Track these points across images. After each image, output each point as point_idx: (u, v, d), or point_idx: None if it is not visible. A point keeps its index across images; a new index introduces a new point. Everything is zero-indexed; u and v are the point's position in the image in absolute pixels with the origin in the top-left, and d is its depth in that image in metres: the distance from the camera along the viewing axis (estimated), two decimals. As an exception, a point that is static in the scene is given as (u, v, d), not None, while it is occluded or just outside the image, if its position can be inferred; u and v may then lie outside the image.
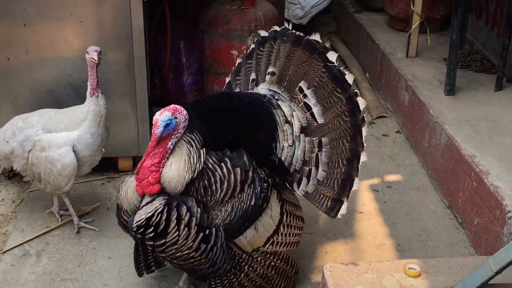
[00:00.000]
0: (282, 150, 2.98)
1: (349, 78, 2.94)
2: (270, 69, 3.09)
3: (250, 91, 3.18)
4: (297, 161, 2.99)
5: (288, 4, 6.96)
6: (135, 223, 2.70)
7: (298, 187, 3.02)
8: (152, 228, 2.68)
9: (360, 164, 2.92)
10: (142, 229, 2.69)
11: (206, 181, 2.73)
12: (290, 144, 2.97)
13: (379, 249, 3.61)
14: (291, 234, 3.03)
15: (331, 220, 3.73)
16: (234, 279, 2.92)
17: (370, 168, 4.45)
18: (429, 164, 4.34)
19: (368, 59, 6.07)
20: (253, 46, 3.30)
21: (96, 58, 3.37)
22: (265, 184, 2.83)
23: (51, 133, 3.53)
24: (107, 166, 4.26)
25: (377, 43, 5.79)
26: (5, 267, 3.45)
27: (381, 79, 5.60)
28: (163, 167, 2.73)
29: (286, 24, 3.22)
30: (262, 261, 2.97)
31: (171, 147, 2.73)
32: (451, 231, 3.77)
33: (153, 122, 2.65)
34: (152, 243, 2.72)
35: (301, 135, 2.98)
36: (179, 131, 2.72)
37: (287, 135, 2.97)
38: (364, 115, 2.94)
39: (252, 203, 2.80)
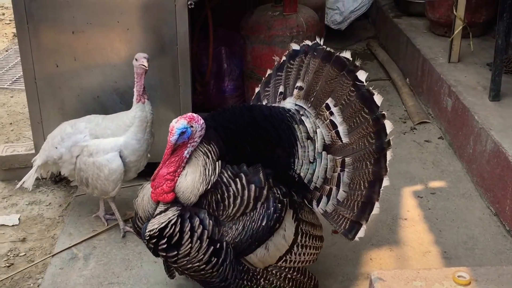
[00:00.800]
0: (302, 166, 2.91)
1: (378, 99, 2.87)
2: (298, 84, 3.04)
3: (277, 104, 3.12)
4: (318, 179, 2.92)
5: (327, 9, 6.94)
6: (148, 232, 2.74)
7: (318, 205, 2.94)
8: (166, 239, 2.71)
9: (382, 188, 2.83)
10: (155, 240, 2.73)
11: (219, 195, 2.72)
12: (311, 161, 2.91)
13: (425, 256, 3.57)
14: (306, 254, 2.97)
15: (375, 226, 3.76)
16: None
17: (413, 174, 4.42)
18: (474, 171, 4.29)
19: (408, 64, 6.03)
20: (284, 58, 3.26)
21: (146, 65, 3.42)
22: (279, 205, 2.78)
23: (98, 139, 3.59)
24: (152, 171, 4.27)
25: (418, 48, 5.74)
26: (54, 270, 3.52)
27: (422, 84, 5.55)
28: (178, 176, 2.75)
29: (318, 39, 3.18)
30: (278, 273, 2.93)
31: (187, 156, 2.75)
32: (499, 239, 3.71)
33: (169, 129, 2.68)
34: (165, 254, 2.76)
35: (323, 152, 2.91)
36: (195, 140, 2.74)
37: (307, 151, 2.91)
38: (390, 138, 2.85)
39: (264, 224, 2.75)
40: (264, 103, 3.22)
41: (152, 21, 3.95)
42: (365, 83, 2.88)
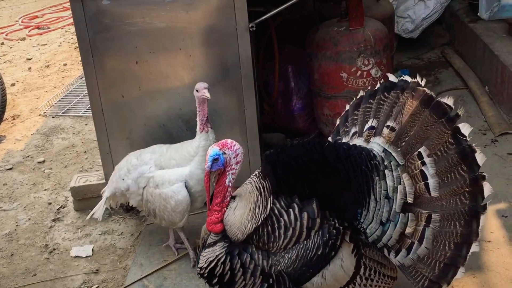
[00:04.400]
0: (370, 224, 2.68)
1: (480, 158, 2.56)
2: (390, 123, 2.77)
3: (364, 138, 2.86)
4: (389, 240, 2.67)
5: (397, 18, 6.72)
6: (199, 268, 2.76)
7: (395, 256, 2.68)
8: (217, 278, 2.68)
9: (470, 253, 2.56)
10: (206, 279, 2.74)
11: (270, 227, 2.64)
12: (383, 222, 2.67)
13: (512, 283, 3.32)
14: (374, 286, 2.78)
15: (455, 250, 3.50)
16: None
17: (495, 191, 4.03)
18: None
19: (486, 71, 5.71)
20: (378, 86, 2.99)
21: (208, 95, 3.38)
22: (335, 231, 2.64)
23: (163, 169, 3.57)
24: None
25: (496, 54, 5.43)
26: (126, 303, 3.51)
27: (503, 92, 5.24)
28: (226, 207, 2.75)
29: (419, 79, 2.85)
30: None
31: (230, 185, 2.74)
32: None
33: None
34: None
35: (401, 214, 2.65)
36: (232, 167, 2.74)
37: (382, 210, 2.67)
38: (487, 203, 2.56)
39: (319, 252, 2.64)
40: (345, 140, 2.98)
41: (214, 46, 3.90)
42: (467, 138, 2.59)
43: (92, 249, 4.12)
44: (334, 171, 2.69)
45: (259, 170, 2.81)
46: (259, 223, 2.64)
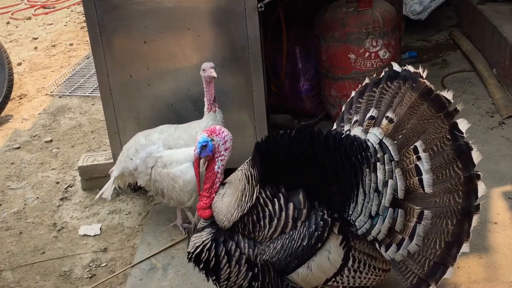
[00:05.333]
0: (359, 216, 2.66)
1: (476, 156, 2.52)
2: (390, 114, 2.73)
3: (364, 127, 2.81)
4: (378, 234, 2.65)
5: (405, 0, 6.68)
6: (188, 252, 2.79)
7: (386, 251, 2.66)
8: (203, 264, 2.72)
9: (460, 254, 2.52)
10: (194, 264, 2.78)
11: (255, 216, 2.64)
12: (372, 215, 2.64)
13: (518, 265, 3.33)
14: (363, 278, 2.77)
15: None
16: None
17: (502, 173, 4.14)
18: None
19: (495, 53, 5.67)
20: (382, 74, 2.93)
21: (215, 74, 3.38)
22: (322, 223, 2.61)
23: (171, 149, 3.58)
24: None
25: (505, 36, 5.39)
26: (134, 282, 3.54)
27: (511, 74, 5.21)
28: (214, 194, 2.77)
29: (421, 70, 2.77)
30: None
31: (219, 171, 2.77)
32: None
33: None
34: (208, 278, 2.77)
35: (390, 208, 2.62)
36: (221, 153, 2.77)
37: (371, 204, 2.63)
38: (480, 203, 2.51)
39: (304, 243, 2.63)
40: (346, 128, 2.93)
41: (222, 26, 3.89)
42: (464, 135, 2.55)
43: (100, 228, 4.16)
44: (322, 164, 2.65)
45: (251, 156, 2.78)
46: (245, 211, 2.63)
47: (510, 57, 5.19)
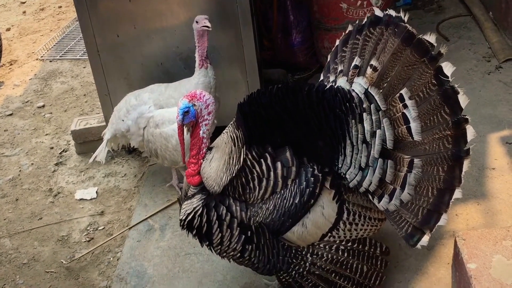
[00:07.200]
0: (349, 169, 2.61)
1: (463, 100, 2.44)
2: (373, 62, 2.62)
3: (349, 77, 2.73)
4: (370, 185, 2.60)
5: None
6: (180, 220, 2.75)
7: (379, 202, 2.62)
8: (195, 230, 2.68)
9: (453, 200, 2.48)
10: (187, 230, 2.74)
11: (243, 178, 2.58)
12: (362, 167, 2.60)
13: (517, 210, 3.31)
14: (359, 229, 2.75)
15: (460, 178, 3.49)
16: (301, 270, 2.76)
17: (500, 118, 4.09)
18: None
19: (491, -4, 5.56)
20: (365, 20, 2.81)
21: (209, 24, 3.29)
22: (313, 179, 2.57)
23: (163, 108, 3.52)
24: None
25: (501, -23, 5.27)
26: (132, 243, 3.53)
27: (508, 17, 5.10)
28: (202, 159, 2.71)
29: (402, 14, 2.65)
30: (327, 247, 2.75)
31: (205, 136, 2.70)
32: None
33: None
34: (201, 243, 2.74)
35: (379, 159, 2.57)
36: (205, 117, 2.69)
37: (360, 155, 2.58)
38: (470, 147, 2.45)
39: (297, 201, 2.58)
40: (332, 79, 2.85)
41: (210, -20, 3.78)
42: (450, 79, 2.46)
43: (96, 192, 4.14)
44: (305, 119, 2.59)
45: (235, 117, 2.71)
46: (234, 174, 2.59)
47: (507, 0, 5.08)
